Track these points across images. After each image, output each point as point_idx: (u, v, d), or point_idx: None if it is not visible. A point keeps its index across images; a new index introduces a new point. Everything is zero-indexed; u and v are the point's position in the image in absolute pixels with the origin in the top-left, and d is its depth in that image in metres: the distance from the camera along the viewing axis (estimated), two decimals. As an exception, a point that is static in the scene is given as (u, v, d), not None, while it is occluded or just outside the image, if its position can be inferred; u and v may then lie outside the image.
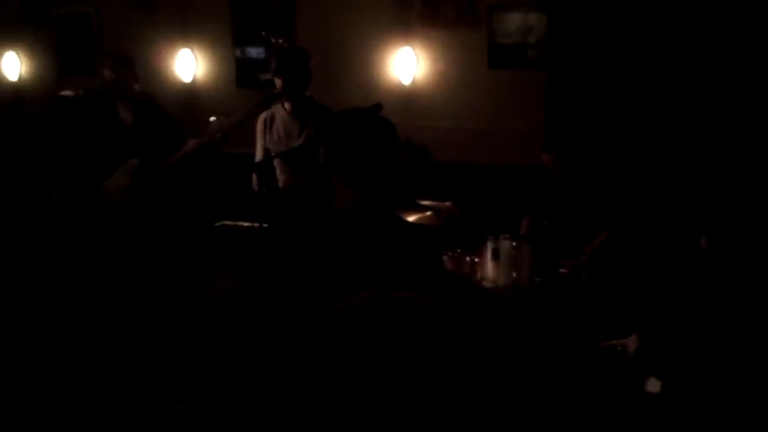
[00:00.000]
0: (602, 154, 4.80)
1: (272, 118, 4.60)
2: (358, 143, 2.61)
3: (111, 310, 4.53)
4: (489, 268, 4.07)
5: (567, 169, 4.48)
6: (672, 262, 3.86)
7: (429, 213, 4.33)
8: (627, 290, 3.83)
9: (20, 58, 7.70)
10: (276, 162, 4.52)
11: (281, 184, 4.57)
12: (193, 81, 6.93)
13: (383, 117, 3.03)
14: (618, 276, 4.05)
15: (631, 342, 3.19)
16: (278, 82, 4.42)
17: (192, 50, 6.86)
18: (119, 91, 4.84)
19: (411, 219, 4.25)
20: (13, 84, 7.72)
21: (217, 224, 4.81)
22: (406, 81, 6.05)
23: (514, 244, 4.05)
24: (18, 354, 3.90)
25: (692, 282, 3.64)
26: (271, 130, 4.62)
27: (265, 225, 3.95)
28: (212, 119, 4.69)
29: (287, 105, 4.53)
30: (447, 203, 4.43)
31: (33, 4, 7.23)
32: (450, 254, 4.28)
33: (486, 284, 4.01)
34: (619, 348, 3.25)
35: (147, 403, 3.25)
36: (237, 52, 6.77)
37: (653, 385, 3.13)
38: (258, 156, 4.66)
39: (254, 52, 6.73)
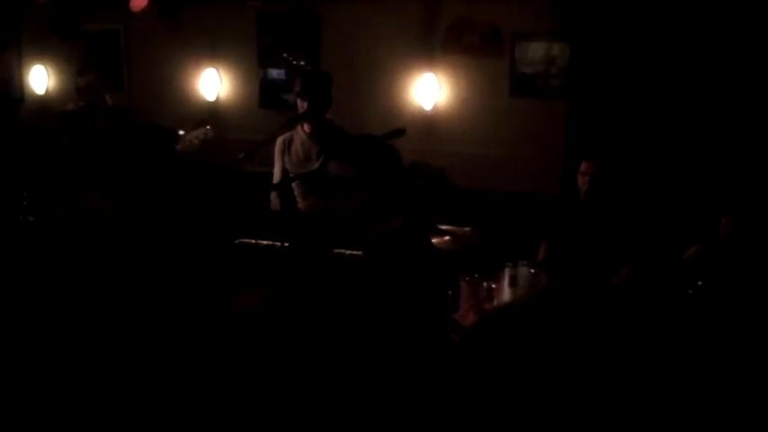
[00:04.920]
0: (624, 185, 4.81)
1: (291, 140, 4.64)
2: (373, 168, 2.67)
3: (124, 324, 4.57)
4: (507, 295, 4.07)
5: (600, 184, 4.45)
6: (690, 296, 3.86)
7: (447, 238, 4.34)
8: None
9: (48, 72, 7.82)
10: (295, 184, 4.56)
11: (300, 205, 4.60)
12: (217, 100, 7.01)
13: (391, 145, 3.08)
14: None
15: None
16: (302, 104, 4.46)
17: (217, 70, 6.96)
18: (90, 98, 4.88)
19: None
20: (40, 97, 7.84)
21: (236, 242, 4.85)
22: (428, 106, 6.10)
23: (532, 271, 4.06)
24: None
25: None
26: (290, 152, 4.66)
27: (286, 244, 3.99)
28: (181, 132, 4.81)
29: (307, 128, 4.57)
30: (466, 229, 4.45)
31: (62, 19, 7.35)
32: (467, 279, 4.29)
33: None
34: None
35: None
36: (261, 73, 6.86)
37: None
38: (276, 177, 4.69)
39: (277, 74, 6.82)
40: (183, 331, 4.44)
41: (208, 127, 4.92)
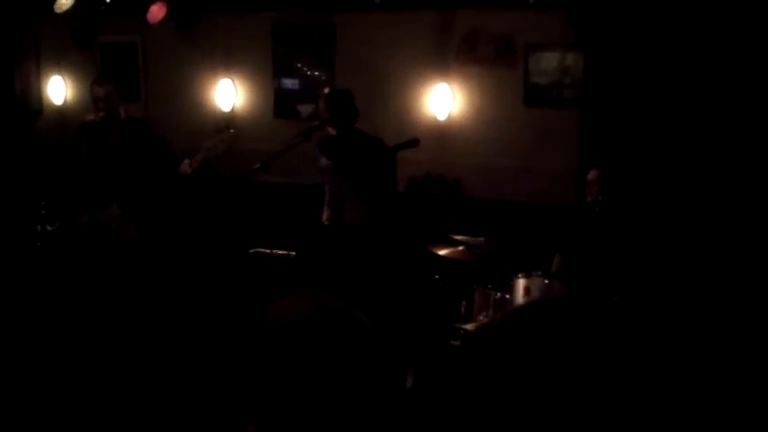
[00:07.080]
0: (638, 197, 4.80)
1: None
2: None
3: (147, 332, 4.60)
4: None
5: (611, 192, 4.46)
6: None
7: (461, 248, 4.36)
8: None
9: (65, 83, 7.90)
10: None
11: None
12: (232, 110, 7.06)
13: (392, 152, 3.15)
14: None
15: None
16: (330, 130, 4.59)
17: (232, 80, 7.01)
18: (107, 108, 4.90)
19: (443, 252, 4.28)
20: (58, 108, 7.92)
21: (251, 251, 4.88)
22: (442, 117, 6.11)
23: (546, 281, 4.06)
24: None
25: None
26: None
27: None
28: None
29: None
30: (480, 239, 4.46)
31: (80, 31, 7.43)
32: (481, 289, 4.30)
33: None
34: None
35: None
36: (276, 83, 6.90)
37: None
38: None
39: (292, 84, 6.86)
40: (199, 337, 4.47)
41: (231, 131, 4.95)
